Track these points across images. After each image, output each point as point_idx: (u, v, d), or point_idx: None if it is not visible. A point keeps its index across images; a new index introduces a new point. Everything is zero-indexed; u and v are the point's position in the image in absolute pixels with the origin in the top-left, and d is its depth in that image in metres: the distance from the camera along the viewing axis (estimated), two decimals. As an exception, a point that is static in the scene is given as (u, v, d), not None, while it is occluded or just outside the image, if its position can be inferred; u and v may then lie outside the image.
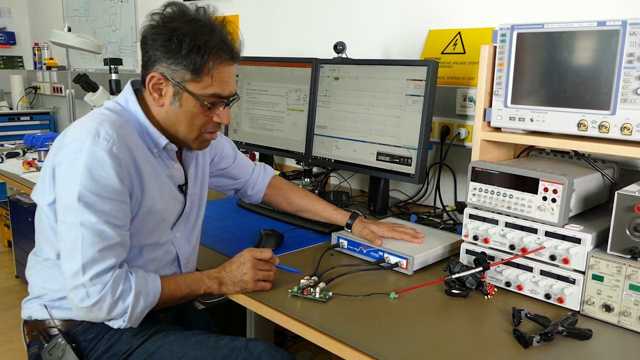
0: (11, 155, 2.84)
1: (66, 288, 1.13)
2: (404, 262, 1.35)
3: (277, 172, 2.24)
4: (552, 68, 1.20)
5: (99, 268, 1.10)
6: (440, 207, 1.91)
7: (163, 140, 1.22)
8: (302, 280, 1.24)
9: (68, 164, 1.11)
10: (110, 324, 1.16)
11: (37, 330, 1.24)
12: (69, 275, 1.10)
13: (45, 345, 1.21)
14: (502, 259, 1.27)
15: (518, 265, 1.25)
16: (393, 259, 1.37)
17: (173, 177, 1.28)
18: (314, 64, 2.02)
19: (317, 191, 2.10)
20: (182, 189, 1.32)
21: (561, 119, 1.20)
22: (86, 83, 2.68)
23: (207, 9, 1.21)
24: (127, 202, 1.15)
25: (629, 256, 1.10)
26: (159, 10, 1.18)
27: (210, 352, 1.19)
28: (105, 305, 1.11)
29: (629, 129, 1.10)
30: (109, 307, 1.11)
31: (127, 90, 1.24)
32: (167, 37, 1.14)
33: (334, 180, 2.33)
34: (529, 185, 1.21)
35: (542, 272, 1.21)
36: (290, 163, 2.62)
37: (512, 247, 1.26)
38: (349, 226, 1.52)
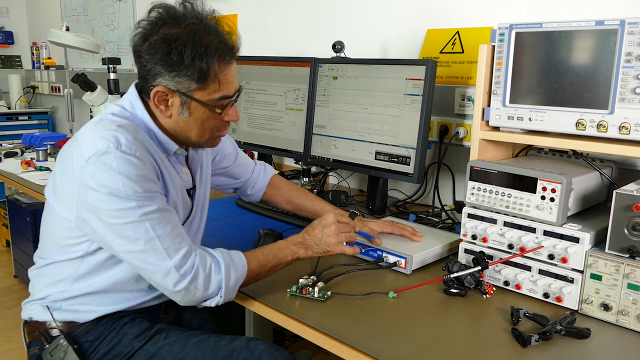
0: (9, 154, 2.84)
1: (154, 282, 1.12)
2: (402, 261, 1.35)
3: (276, 172, 2.24)
4: (551, 67, 1.20)
5: (183, 248, 1.10)
6: (439, 206, 1.91)
7: (173, 147, 1.21)
8: (300, 280, 1.24)
9: (103, 177, 1.07)
10: (207, 303, 1.15)
11: (38, 331, 1.24)
12: (155, 266, 1.09)
13: (47, 346, 1.21)
14: (500, 258, 1.27)
15: (516, 265, 1.25)
16: (392, 259, 1.37)
17: (182, 181, 1.28)
18: (313, 63, 2.02)
19: (315, 190, 2.10)
20: (190, 193, 1.32)
21: (559, 118, 1.20)
22: (84, 82, 2.68)
23: (194, 3, 1.16)
24: (164, 196, 1.16)
25: (627, 255, 1.10)
26: (145, 18, 1.14)
27: (211, 353, 1.19)
28: (200, 282, 1.10)
29: (627, 128, 1.10)
30: (203, 283, 1.11)
31: (132, 95, 1.20)
32: (165, 50, 1.10)
33: (332, 179, 2.34)
34: (527, 184, 1.21)
35: (541, 271, 1.21)
36: (289, 162, 2.62)
37: (510, 246, 1.26)
38: None
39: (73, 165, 1.12)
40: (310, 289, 1.21)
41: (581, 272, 1.16)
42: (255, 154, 2.51)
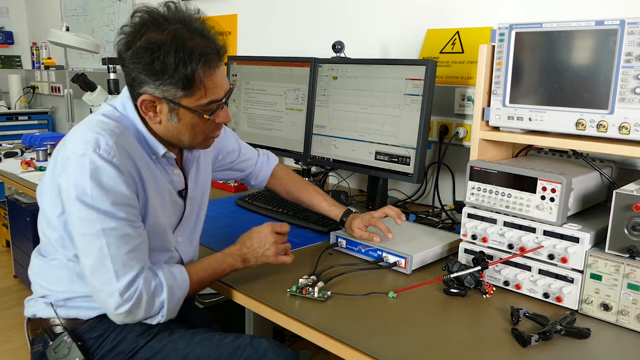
0: (9, 154, 2.84)
1: (97, 298, 1.13)
2: (402, 261, 1.35)
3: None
4: (551, 67, 1.20)
5: (131, 272, 1.10)
6: (439, 206, 1.91)
7: (161, 149, 1.21)
8: (300, 280, 1.24)
9: (75, 180, 1.08)
10: (149, 321, 1.16)
11: (41, 328, 1.24)
12: (102, 284, 1.10)
13: (50, 343, 1.21)
14: (500, 258, 1.27)
15: (516, 265, 1.25)
16: (392, 258, 1.37)
17: (173, 182, 1.27)
18: (313, 63, 2.02)
19: (315, 190, 2.09)
20: (182, 194, 1.32)
21: (559, 118, 1.20)
22: (84, 82, 2.68)
23: (177, 4, 1.13)
24: (137, 206, 1.15)
25: (627, 255, 1.10)
26: (128, 22, 1.12)
27: (215, 350, 1.19)
28: (142, 305, 1.12)
29: (627, 128, 1.10)
30: (146, 306, 1.12)
31: (125, 95, 1.20)
32: (148, 59, 1.07)
33: (332, 179, 2.33)
34: (527, 184, 1.21)
35: (541, 271, 1.21)
36: (289, 162, 2.62)
37: (510, 246, 1.26)
38: (342, 223, 1.52)
39: (57, 165, 1.13)
40: (310, 289, 1.21)
41: (581, 272, 1.16)
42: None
